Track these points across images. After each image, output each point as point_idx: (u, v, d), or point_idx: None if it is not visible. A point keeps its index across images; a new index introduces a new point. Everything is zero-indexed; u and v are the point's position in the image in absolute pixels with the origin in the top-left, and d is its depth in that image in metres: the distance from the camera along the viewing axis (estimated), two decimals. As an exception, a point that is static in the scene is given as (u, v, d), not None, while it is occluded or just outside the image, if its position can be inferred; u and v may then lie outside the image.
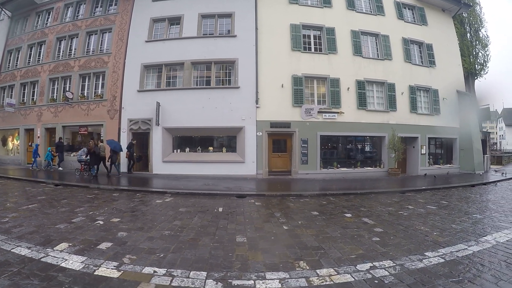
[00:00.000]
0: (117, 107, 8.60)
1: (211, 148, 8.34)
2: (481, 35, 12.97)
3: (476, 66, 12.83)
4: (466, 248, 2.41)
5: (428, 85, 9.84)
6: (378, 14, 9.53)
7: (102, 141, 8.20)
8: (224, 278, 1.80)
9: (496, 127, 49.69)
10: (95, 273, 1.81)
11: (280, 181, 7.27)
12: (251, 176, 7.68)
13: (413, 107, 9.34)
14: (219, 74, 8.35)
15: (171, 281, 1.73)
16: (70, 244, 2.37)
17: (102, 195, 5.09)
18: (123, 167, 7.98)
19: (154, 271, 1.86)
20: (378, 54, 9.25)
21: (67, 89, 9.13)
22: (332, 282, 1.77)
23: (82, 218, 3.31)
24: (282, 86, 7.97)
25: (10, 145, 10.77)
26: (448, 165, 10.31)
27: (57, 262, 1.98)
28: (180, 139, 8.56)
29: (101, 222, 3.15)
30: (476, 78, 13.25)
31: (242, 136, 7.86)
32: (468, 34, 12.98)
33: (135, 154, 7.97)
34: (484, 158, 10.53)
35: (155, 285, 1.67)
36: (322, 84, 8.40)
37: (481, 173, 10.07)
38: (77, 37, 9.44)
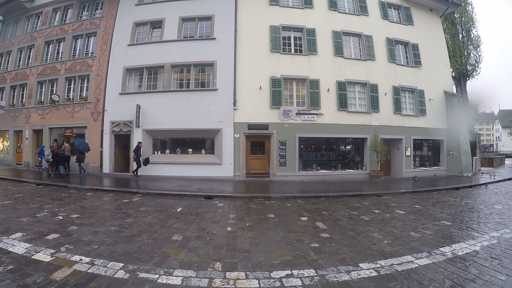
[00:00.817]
0: (100, 109, 9.19)
1: (190, 150, 8.82)
2: (472, 36, 13.14)
3: (468, 67, 13.00)
4: (412, 261, 2.27)
5: (413, 85, 10.09)
6: (362, 14, 9.85)
7: (82, 140, 8.68)
8: (135, 270, 2.07)
9: (492, 128, 51.93)
10: (32, 257, 2.26)
11: (256, 183, 7.67)
12: (228, 178, 8.11)
13: (397, 108, 9.60)
14: (198, 77, 8.84)
15: (89, 268, 2.11)
16: (24, 234, 2.85)
17: (76, 194, 5.62)
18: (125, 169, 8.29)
19: (80, 259, 2.27)
20: (360, 54, 9.57)
21: (54, 92, 9.79)
22: (234, 287, 1.85)
23: (46, 214, 3.81)
24: (260, 88, 8.39)
25: (0, 146, 11.53)
26: (435, 167, 10.50)
27: (6, 247, 2.45)
28: (161, 141, 9.08)
29: (60, 217, 3.64)
30: (468, 79, 13.40)
31: (220, 138, 8.32)
32: (460, 35, 13.17)
33: (141, 157, 8.04)
34: (473, 160, 10.67)
35: (74, 270, 2.06)
36: (301, 85, 8.78)
37: (469, 175, 10.22)
38: (64, 41, 10.12)
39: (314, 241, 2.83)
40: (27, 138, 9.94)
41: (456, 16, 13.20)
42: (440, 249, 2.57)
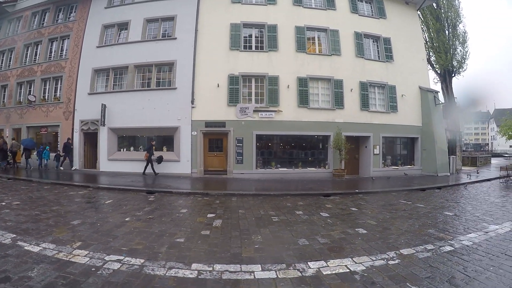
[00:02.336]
0: (71, 109, 10.25)
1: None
2: (459, 31, 13.11)
3: (454, 63, 12.98)
4: (253, 272, 2.19)
5: (384, 81, 10.31)
6: (328, 9, 10.24)
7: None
8: (17, 240, 2.77)
9: (487, 127, 53.14)
10: None
11: (211, 180, 8.32)
12: (186, 174, 8.83)
13: (364, 105, 9.89)
14: (160, 76, 9.65)
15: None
16: None
17: (35, 187, 6.52)
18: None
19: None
20: (326, 49, 9.98)
21: (31, 93, 11.04)
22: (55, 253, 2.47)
23: (-15, 200, 4.71)
24: (218, 86, 9.04)
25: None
26: (409, 166, 10.62)
27: None
28: (125, 139, 9.97)
29: (3, 204, 4.54)
30: (454, 76, 13.33)
31: (178, 135, 9.05)
32: (447, 31, 13.17)
33: (153, 156, 8.58)
34: (450, 159, 10.69)
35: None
36: (261, 82, 9.33)
37: (448, 175, 10.29)
38: (41, 43, 11.33)
39: (177, 237, 3.04)
40: (7, 136, 11.25)
41: (441, 11, 13.24)
42: (309, 263, 2.39)
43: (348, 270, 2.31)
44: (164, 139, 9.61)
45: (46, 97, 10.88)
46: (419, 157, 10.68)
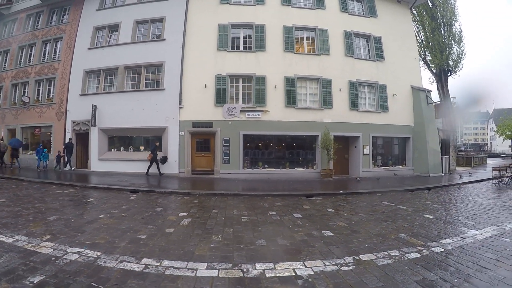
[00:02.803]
0: (63, 109, 10.67)
1: (142, 147, 9.96)
2: (454, 30, 13.16)
3: (450, 62, 13.04)
4: (196, 269, 2.23)
5: (374, 80, 10.44)
6: (318, 8, 10.43)
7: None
8: None
9: (487, 127, 53.69)
10: None
11: (197, 180, 8.59)
12: (173, 174, 9.12)
13: (354, 104, 10.04)
14: (149, 77, 9.98)
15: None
16: None
17: (25, 186, 6.90)
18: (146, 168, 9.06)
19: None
20: (314, 49, 10.17)
21: (25, 94, 11.51)
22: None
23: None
24: (206, 86, 9.31)
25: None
26: (400, 166, 10.72)
27: None
28: (116, 139, 10.31)
29: None
30: (450, 75, 13.38)
31: (166, 136, 9.34)
32: (443, 30, 13.23)
33: (158, 155, 8.83)
34: (442, 159, 10.74)
35: None
36: (248, 82, 9.57)
37: (440, 175, 10.33)
38: (35, 45, 11.81)
39: (138, 233, 3.30)
40: (2, 137, 11.75)
41: (437, 10, 13.33)
42: (256, 264, 2.44)
43: (293, 274, 2.27)
44: (152, 140, 9.91)
45: (40, 98, 11.32)
46: (411, 158, 10.77)
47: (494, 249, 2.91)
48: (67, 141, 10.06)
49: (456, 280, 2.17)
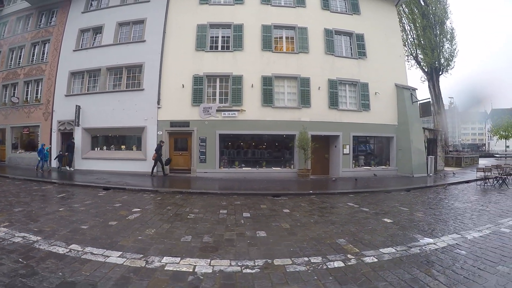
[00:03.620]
0: (50, 110, 11.48)
1: (123, 147, 10.62)
2: (446, 28, 13.27)
3: (442, 61, 13.16)
4: (106, 256, 2.49)
5: (356, 78, 10.72)
6: (298, 6, 10.80)
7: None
8: None
9: (484, 128, 55.11)
10: None
11: (173, 178, 9.14)
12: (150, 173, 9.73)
13: (333, 103, 10.35)
14: (130, 78, 10.63)
15: None
16: None
17: (10, 182, 7.67)
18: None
19: None
20: (293, 47, 10.54)
21: (15, 95, 12.42)
22: None
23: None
24: (183, 86, 9.86)
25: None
26: (383, 166, 10.94)
27: None
28: (99, 138, 11.02)
29: None
30: (441, 74, 13.47)
31: (145, 135, 9.96)
32: (434, 28, 13.37)
33: (162, 156, 9.27)
34: (428, 159, 10.88)
35: None
36: (225, 82, 10.06)
37: (425, 176, 10.48)
38: (24, 47, 12.71)
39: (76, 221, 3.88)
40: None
41: (428, 7, 13.46)
42: (164, 257, 2.64)
43: (190, 271, 2.42)
44: (133, 139, 10.57)
45: (28, 99, 12.19)
46: (394, 157, 10.99)
47: (440, 263, 2.61)
48: (69, 141, 10.46)
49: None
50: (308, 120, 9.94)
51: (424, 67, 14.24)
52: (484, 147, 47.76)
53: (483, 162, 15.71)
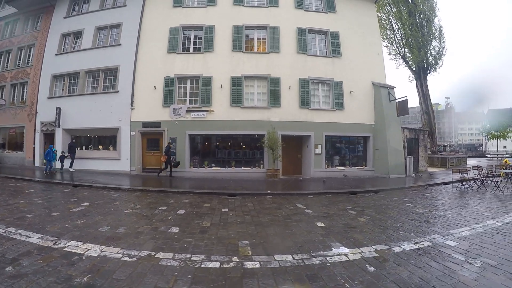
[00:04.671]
0: (34, 111, 12.84)
1: (101, 147, 11.78)
2: (434, 26, 13.57)
3: (430, 59, 13.44)
4: (47, 241, 3.10)
5: (329, 77, 11.33)
6: (271, 6, 11.58)
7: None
8: None
9: (481, 128, 55.56)
10: None
11: (144, 177, 10.16)
12: (125, 172, 10.77)
13: (304, 102, 11.01)
14: (107, 80, 11.75)
15: None
16: None
17: None
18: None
19: None
20: (265, 47, 11.28)
21: (2, 97, 13.88)
22: None
23: None
24: (155, 88, 10.87)
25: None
26: (359, 167, 11.46)
27: None
28: (78, 139, 12.23)
29: None
30: (429, 73, 13.74)
31: (119, 135, 11.06)
32: (421, 26, 13.69)
33: (172, 158, 10.00)
34: (407, 159, 11.25)
35: None
36: (196, 83, 10.98)
37: (403, 176, 10.88)
38: (12, 51, 14.19)
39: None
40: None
41: (415, 6, 13.82)
42: (88, 244, 3.19)
43: (80, 252, 3.10)
44: (109, 139, 11.68)
45: (14, 101, 13.61)
46: (371, 158, 11.46)
47: (327, 279, 2.62)
48: (70, 142, 11.45)
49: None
50: (278, 120, 10.64)
51: (412, 66, 14.58)
52: (481, 147, 50.30)
53: (472, 162, 15.74)
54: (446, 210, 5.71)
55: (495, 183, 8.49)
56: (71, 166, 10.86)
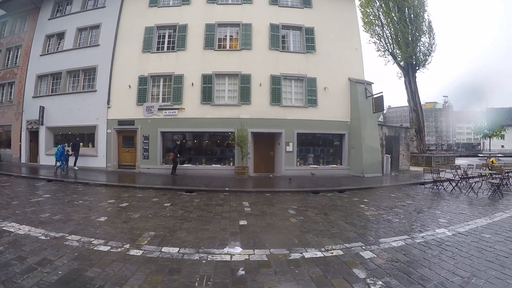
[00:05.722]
0: (20, 110, 14.46)
1: (81, 144, 13.10)
2: (422, 21, 13.84)
3: (420, 55, 13.75)
4: None
5: (303, 73, 12.08)
6: (244, 3, 12.52)
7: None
8: None
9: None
10: None
11: (118, 173, 11.42)
12: (101, 168, 12.06)
13: (275, 99, 11.82)
14: (86, 80, 13.06)
15: None
16: None
17: None
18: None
19: None
20: (237, 44, 12.13)
21: (-8, 97, 15.60)
22: None
23: None
24: (130, 87, 12.08)
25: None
26: (333, 165, 12.16)
27: None
28: (61, 136, 13.68)
29: None
30: (418, 69, 14.02)
31: (97, 133, 12.39)
32: (410, 21, 13.99)
33: (178, 156, 11.01)
34: (384, 158, 11.74)
35: None
36: (168, 81, 12.07)
37: (380, 175, 11.41)
38: (0, 52, 15.85)
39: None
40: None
41: (403, 1, 14.17)
42: (20, 225, 5.49)
43: (23, 233, 3.96)
44: (89, 137, 12.98)
45: (3, 100, 15.23)
46: (346, 156, 12.06)
47: (188, 271, 3.02)
48: (74, 140, 12.80)
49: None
50: (248, 117, 11.54)
51: (400, 63, 14.95)
52: (479, 146, 52.06)
53: (461, 162, 15.82)
54: (399, 215, 5.74)
55: (470, 184, 8.50)
56: (75, 164, 12.32)
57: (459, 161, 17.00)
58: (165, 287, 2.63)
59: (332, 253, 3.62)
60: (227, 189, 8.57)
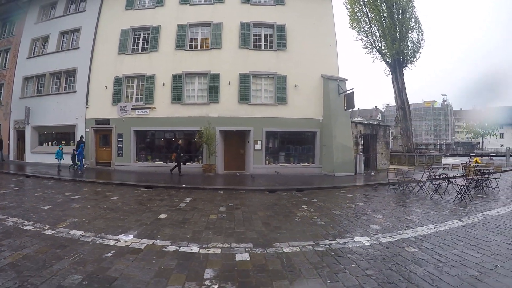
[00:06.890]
0: (8, 111, 16.61)
1: (63, 142, 14.95)
2: (409, 17, 14.43)
3: (409, 52, 14.35)
4: None
5: (273, 71, 13.30)
6: (216, 3, 13.93)
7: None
8: None
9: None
10: None
11: (95, 170, 12.97)
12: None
13: (243, 97, 13.06)
14: (67, 81, 14.81)
15: None
16: None
17: None
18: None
19: None
20: (208, 44, 13.41)
21: (-16, 98, 17.84)
22: None
23: None
24: (106, 88, 13.73)
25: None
26: (305, 164, 13.21)
27: None
28: (46, 135, 15.56)
29: None
30: (406, 66, 14.58)
31: (76, 132, 14.13)
32: (396, 17, 14.63)
33: (182, 155, 12.23)
34: (357, 157, 12.57)
35: None
36: (141, 82, 13.59)
37: (352, 175, 12.27)
38: (-8, 56, 18.13)
39: None
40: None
41: None
42: None
43: None
44: (70, 135, 14.68)
45: (-6, 102, 17.44)
46: (318, 154, 13.01)
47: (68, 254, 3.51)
48: (78, 139, 14.68)
49: None
50: (216, 116, 12.87)
51: (387, 60, 15.59)
52: (478, 145, 56.15)
53: (449, 161, 16.11)
54: (333, 217, 5.85)
55: (435, 186, 8.81)
56: (77, 165, 14.18)
57: (448, 160, 17.70)
58: (48, 256, 3.52)
59: (208, 250, 3.94)
60: (183, 185, 9.94)
